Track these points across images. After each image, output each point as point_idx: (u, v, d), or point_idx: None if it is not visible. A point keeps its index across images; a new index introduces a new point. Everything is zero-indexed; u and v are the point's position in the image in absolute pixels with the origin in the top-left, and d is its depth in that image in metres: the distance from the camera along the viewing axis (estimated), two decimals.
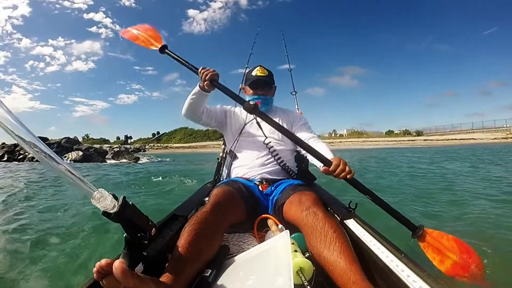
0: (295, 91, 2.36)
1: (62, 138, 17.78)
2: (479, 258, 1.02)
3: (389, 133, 43.55)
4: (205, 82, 1.19)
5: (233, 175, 1.35)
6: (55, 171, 0.51)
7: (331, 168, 0.99)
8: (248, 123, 1.39)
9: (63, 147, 15.79)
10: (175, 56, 1.30)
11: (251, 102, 1.16)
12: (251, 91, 1.42)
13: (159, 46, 1.34)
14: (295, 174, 1.38)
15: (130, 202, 0.64)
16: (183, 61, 1.28)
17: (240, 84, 2.10)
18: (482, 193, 3.26)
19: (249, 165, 1.30)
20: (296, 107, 2.32)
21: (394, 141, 32.15)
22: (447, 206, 2.68)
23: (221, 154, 1.85)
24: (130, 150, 18.91)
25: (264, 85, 1.41)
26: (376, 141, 32.92)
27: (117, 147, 19.93)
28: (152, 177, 5.69)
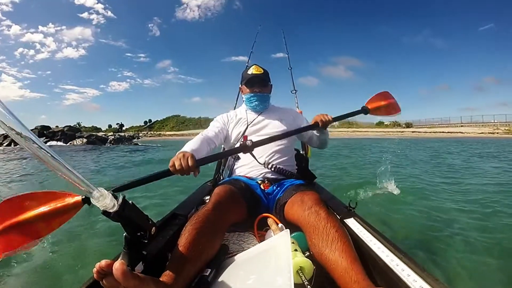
0: (295, 90, 2.35)
1: (65, 127, 19.23)
2: (393, 98, 1.53)
3: (379, 124, 43.33)
4: (194, 172, 0.94)
5: (235, 175, 1.35)
6: (53, 169, 0.51)
7: (320, 123, 1.26)
8: (250, 124, 1.39)
9: (66, 134, 17.23)
10: (127, 185, 0.81)
11: (247, 143, 1.05)
12: (248, 89, 1.42)
13: (80, 198, 0.67)
14: (296, 173, 1.37)
15: (130, 201, 0.63)
16: (141, 181, 0.85)
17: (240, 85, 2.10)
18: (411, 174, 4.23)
19: (251, 164, 1.30)
20: (296, 106, 2.31)
21: (383, 132, 32.14)
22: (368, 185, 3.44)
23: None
24: (121, 137, 19.77)
25: (260, 83, 1.41)
26: (365, 131, 32.92)
27: (111, 135, 20.52)
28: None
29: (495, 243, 1.75)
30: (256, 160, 1.24)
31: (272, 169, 1.27)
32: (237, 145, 1.37)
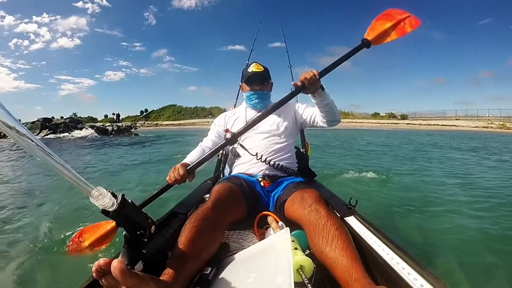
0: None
1: (66, 119, 20.56)
2: (402, 12, 1.17)
3: (375, 115, 42.90)
4: (186, 178, 1.05)
5: (235, 172, 1.35)
6: (51, 169, 0.50)
7: (300, 85, 1.10)
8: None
9: (68, 126, 18.19)
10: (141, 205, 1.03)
11: (227, 135, 1.07)
12: (248, 87, 1.42)
13: (114, 224, 1.03)
14: (296, 171, 1.37)
15: (129, 200, 0.63)
16: (151, 197, 1.04)
17: (240, 83, 2.09)
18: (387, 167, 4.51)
19: (251, 162, 1.30)
20: (296, 103, 2.30)
21: (378, 123, 31.91)
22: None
23: (220, 151, 1.84)
24: (122, 127, 20.28)
25: (260, 81, 1.41)
26: (360, 122, 32.75)
27: (109, 125, 20.96)
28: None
29: (495, 238, 1.78)
30: (249, 152, 1.25)
31: (272, 166, 1.27)
32: (236, 144, 1.37)
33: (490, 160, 5.63)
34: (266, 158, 1.27)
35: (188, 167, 1.05)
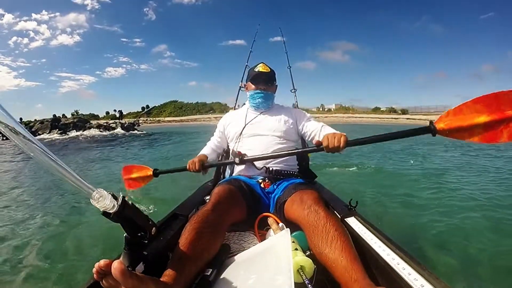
0: (294, 89, 2.35)
1: (74, 118, 21.97)
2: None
3: (376, 109, 42.18)
4: (200, 171, 1.34)
5: (235, 174, 1.35)
6: (51, 171, 0.50)
7: (325, 149, 1.03)
8: (248, 123, 1.39)
9: (77, 125, 19.35)
10: (167, 170, 1.53)
11: (236, 160, 1.23)
12: (253, 86, 1.43)
13: (151, 173, 1.53)
14: (297, 172, 1.37)
15: (130, 202, 0.63)
16: (175, 169, 1.46)
17: (240, 82, 2.10)
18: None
19: (251, 164, 1.30)
20: (296, 105, 2.30)
21: (378, 118, 31.81)
22: None
23: (221, 152, 1.84)
24: (125, 125, 21.49)
25: (265, 81, 1.42)
26: (360, 117, 32.74)
27: (113, 123, 22.14)
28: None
29: (495, 238, 1.77)
30: (255, 167, 1.28)
31: (272, 169, 1.27)
32: (237, 144, 1.38)
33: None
34: (269, 166, 1.27)
35: (203, 164, 1.33)
